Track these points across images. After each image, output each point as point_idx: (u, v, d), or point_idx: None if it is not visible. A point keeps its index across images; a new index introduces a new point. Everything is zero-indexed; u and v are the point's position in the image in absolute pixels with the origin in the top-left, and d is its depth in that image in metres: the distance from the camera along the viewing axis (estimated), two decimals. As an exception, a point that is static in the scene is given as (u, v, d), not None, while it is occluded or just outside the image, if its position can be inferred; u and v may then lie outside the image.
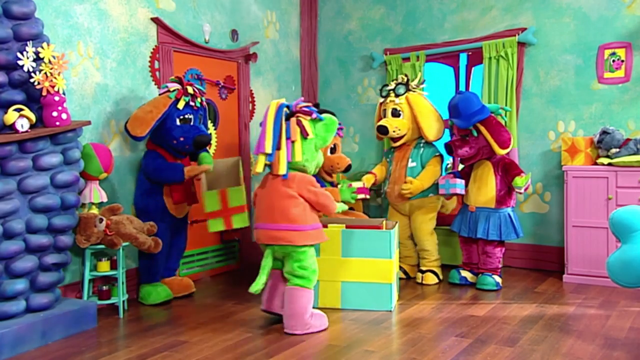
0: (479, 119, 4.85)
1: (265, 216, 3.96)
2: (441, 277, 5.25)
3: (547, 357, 3.41)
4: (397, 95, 5.25)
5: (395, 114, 5.24)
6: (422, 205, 5.22)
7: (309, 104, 4.10)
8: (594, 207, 5.00)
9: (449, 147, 5.06)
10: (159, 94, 4.65)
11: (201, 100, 4.71)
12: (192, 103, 4.64)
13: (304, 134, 3.94)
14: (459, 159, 5.33)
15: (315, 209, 4.00)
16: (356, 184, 5.33)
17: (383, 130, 5.23)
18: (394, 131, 5.22)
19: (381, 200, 6.10)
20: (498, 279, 4.96)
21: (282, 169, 3.90)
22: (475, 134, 4.92)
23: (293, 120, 3.96)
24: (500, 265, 5.03)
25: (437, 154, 5.28)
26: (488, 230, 4.91)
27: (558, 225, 5.52)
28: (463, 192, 5.02)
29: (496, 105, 5.08)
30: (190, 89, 4.63)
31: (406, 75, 5.38)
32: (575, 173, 5.09)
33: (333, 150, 5.49)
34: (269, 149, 3.88)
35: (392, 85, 5.33)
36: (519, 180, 4.73)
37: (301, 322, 3.87)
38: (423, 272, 5.21)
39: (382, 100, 5.43)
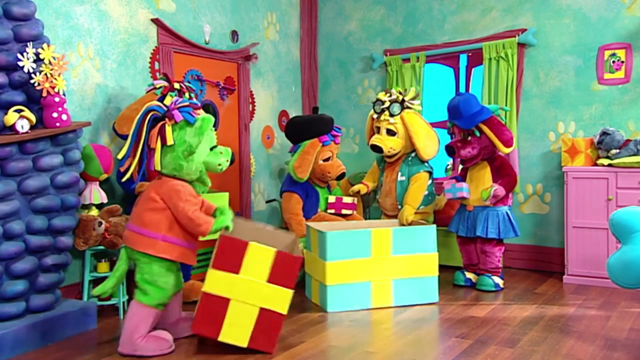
0: (482, 119, 4.86)
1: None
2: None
3: (548, 358, 3.41)
4: (392, 115, 5.13)
5: (391, 132, 5.16)
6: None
7: (186, 105, 3.65)
8: (594, 208, 5.00)
9: (451, 149, 5.03)
10: (146, 92, 4.58)
11: (190, 95, 4.53)
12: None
13: (163, 142, 3.58)
14: (459, 160, 5.32)
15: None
16: (346, 199, 5.38)
17: (378, 150, 5.17)
18: (388, 151, 5.16)
19: (369, 212, 6.04)
20: (498, 280, 4.95)
21: (127, 176, 3.61)
22: (477, 134, 4.91)
23: (157, 126, 3.61)
24: (500, 265, 5.02)
25: (424, 170, 5.18)
26: (487, 228, 4.91)
27: (558, 226, 5.52)
28: (469, 195, 4.97)
29: (495, 106, 5.07)
30: (177, 85, 4.51)
31: (401, 93, 5.21)
32: (575, 174, 5.09)
33: (328, 158, 5.37)
34: (121, 154, 3.62)
35: (387, 103, 5.16)
36: (483, 194, 4.84)
37: (128, 341, 3.51)
38: None
39: (375, 115, 5.30)
